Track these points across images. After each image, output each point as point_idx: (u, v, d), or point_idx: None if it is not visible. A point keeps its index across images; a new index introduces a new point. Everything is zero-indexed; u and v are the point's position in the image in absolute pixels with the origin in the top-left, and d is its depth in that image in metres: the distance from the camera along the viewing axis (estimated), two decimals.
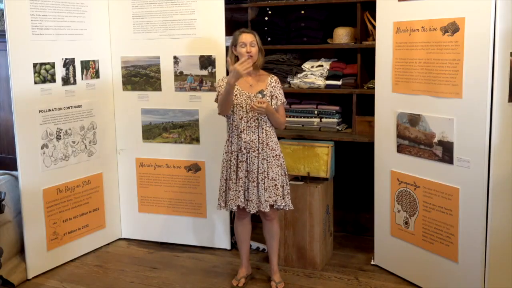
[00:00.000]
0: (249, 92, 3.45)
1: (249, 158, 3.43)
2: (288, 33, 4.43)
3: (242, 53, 3.39)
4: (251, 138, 3.43)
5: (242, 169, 3.44)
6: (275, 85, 3.47)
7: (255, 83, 3.47)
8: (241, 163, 3.45)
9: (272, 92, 3.45)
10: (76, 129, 4.07)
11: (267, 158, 3.43)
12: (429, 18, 3.28)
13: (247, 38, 3.39)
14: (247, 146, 3.43)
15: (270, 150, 3.44)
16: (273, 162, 3.44)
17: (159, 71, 4.18)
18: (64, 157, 4.00)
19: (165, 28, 4.10)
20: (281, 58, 4.43)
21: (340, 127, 4.32)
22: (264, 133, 3.44)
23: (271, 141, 3.45)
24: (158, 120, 4.25)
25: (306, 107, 4.40)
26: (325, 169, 3.90)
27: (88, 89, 4.14)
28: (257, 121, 3.42)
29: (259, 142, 3.43)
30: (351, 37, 4.21)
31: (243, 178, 3.45)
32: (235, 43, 3.43)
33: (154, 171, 4.32)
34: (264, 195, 3.42)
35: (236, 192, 3.45)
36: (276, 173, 3.44)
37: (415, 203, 3.53)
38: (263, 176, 3.43)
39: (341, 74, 4.26)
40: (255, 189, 3.43)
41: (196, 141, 4.18)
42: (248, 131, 3.43)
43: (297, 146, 3.97)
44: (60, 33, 3.91)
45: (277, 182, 3.44)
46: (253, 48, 3.39)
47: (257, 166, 3.43)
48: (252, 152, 3.43)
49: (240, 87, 3.47)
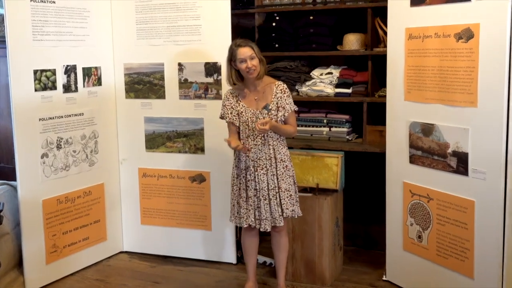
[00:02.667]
0: (255, 108, 3.44)
1: (257, 176, 3.44)
2: (296, 40, 4.43)
3: (243, 68, 3.36)
4: (258, 156, 3.43)
5: (251, 188, 3.45)
6: (281, 95, 3.44)
7: (260, 96, 3.46)
8: (249, 182, 3.45)
9: (279, 103, 3.44)
10: (77, 138, 4.09)
11: (277, 173, 3.44)
12: (442, 24, 3.28)
13: (246, 53, 3.34)
14: (254, 164, 3.44)
15: (279, 162, 3.44)
16: (284, 174, 3.45)
17: (163, 78, 4.19)
18: (65, 167, 4.02)
19: (169, 34, 4.12)
20: (289, 65, 4.43)
21: (350, 136, 4.31)
22: (272, 148, 3.43)
23: (279, 153, 3.45)
24: (162, 129, 4.26)
25: (315, 116, 4.39)
26: (335, 180, 3.90)
27: (90, 96, 4.16)
28: (263, 138, 3.43)
29: (266, 159, 3.43)
30: (361, 44, 4.21)
31: (253, 197, 3.45)
32: (234, 58, 3.39)
33: (157, 181, 4.32)
34: (278, 210, 3.42)
35: (246, 211, 3.47)
36: (289, 183, 3.45)
37: (428, 216, 3.51)
38: (274, 192, 3.43)
39: (351, 82, 4.26)
40: (267, 207, 3.43)
41: (201, 151, 4.19)
42: (255, 149, 3.43)
43: (305, 156, 3.97)
44: (61, 39, 3.93)
45: (291, 191, 3.45)
46: (253, 61, 3.35)
47: (267, 183, 3.43)
48: (260, 170, 3.43)
49: (246, 103, 3.46)
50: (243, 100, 3.47)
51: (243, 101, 3.46)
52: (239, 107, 3.46)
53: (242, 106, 3.45)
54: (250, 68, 3.35)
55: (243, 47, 3.36)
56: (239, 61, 3.36)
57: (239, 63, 3.37)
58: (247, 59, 3.34)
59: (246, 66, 3.34)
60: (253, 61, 3.36)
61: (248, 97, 3.47)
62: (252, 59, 3.36)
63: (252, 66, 3.35)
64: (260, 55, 3.42)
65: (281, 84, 3.49)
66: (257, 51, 3.40)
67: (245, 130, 3.44)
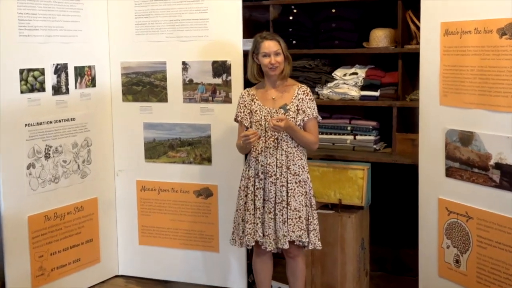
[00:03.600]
0: (271, 107, 3.46)
1: (266, 184, 3.44)
2: (317, 35, 4.44)
3: (265, 64, 3.41)
4: (268, 161, 3.44)
5: (259, 197, 3.45)
6: (303, 97, 3.47)
7: (279, 96, 3.48)
8: (258, 190, 3.46)
9: (299, 106, 3.46)
10: (68, 146, 4.11)
11: (287, 185, 3.43)
12: (483, 18, 3.27)
13: (271, 47, 3.41)
14: (264, 170, 3.44)
15: (292, 175, 3.44)
16: (296, 190, 3.44)
17: (165, 79, 4.21)
18: (54, 179, 4.04)
19: (172, 29, 4.14)
20: (308, 64, 4.44)
21: (377, 146, 4.31)
22: (284, 154, 3.44)
23: (293, 164, 3.45)
24: (163, 136, 4.27)
25: (337, 122, 4.39)
26: (360, 195, 3.89)
27: (83, 99, 4.18)
28: (276, 141, 3.43)
29: (277, 166, 3.43)
30: (390, 40, 4.21)
31: (261, 209, 3.45)
32: (257, 50, 3.45)
33: (158, 196, 4.34)
34: (283, 229, 3.40)
35: (254, 225, 3.46)
36: (299, 202, 3.43)
37: (467, 237, 3.50)
38: (281, 206, 3.42)
39: (379, 84, 4.25)
40: (271, 222, 3.43)
41: (207, 162, 4.20)
42: (265, 153, 3.44)
43: (326, 168, 3.96)
44: (51, 34, 3.96)
45: (301, 213, 3.43)
46: (278, 58, 3.41)
47: (275, 194, 3.43)
48: (269, 177, 3.43)
49: (261, 101, 3.49)
50: (258, 97, 3.50)
51: (259, 99, 3.49)
52: (254, 105, 3.49)
53: (258, 104, 3.48)
54: (273, 65, 3.38)
55: (268, 40, 3.42)
56: (262, 55, 3.41)
57: (262, 57, 3.42)
58: (271, 54, 3.39)
59: (269, 61, 3.39)
60: (277, 57, 3.40)
61: (265, 95, 3.50)
62: (277, 55, 3.40)
63: (276, 63, 3.39)
64: (287, 52, 3.47)
65: (304, 86, 3.53)
66: (284, 48, 3.45)
67: (258, 131, 3.45)
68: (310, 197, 3.49)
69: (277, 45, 3.42)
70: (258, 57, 3.45)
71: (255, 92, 3.55)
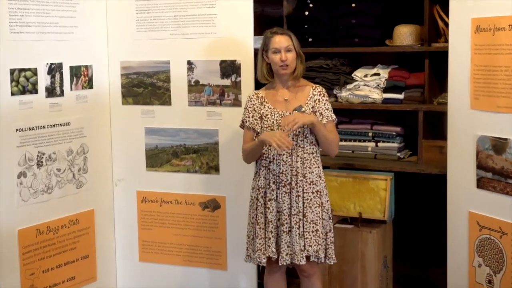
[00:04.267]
0: (284, 110, 3.46)
1: (279, 195, 3.44)
2: (335, 32, 4.44)
3: (276, 61, 3.41)
4: (281, 169, 3.44)
5: (272, 209, 3.45)
6: (319, 98, 3.47)
7: (292, 98, 3.48)
8: (269, 201, 3.45)
9: (315, 108, 3.46)
10: (62, 153, 4.12)
11: (304, 195, 3.43)
12: None
13: (281, 42, 3.41)
14: (276, 180, 3.44)
15: (309, 184, 3.44)
16: (313, 201, 3.44)
17: (169, 80, 4.23)
18: (47, 189, 4.05)
19: (177, 25, 4.15)
20: (325, 64, 4.45)
21: (402, 154, 4.31)
22: (300, 161, 3.44)
23: (310, 172, 3.45)
24: (167, 142, 4.28)
25: (357, 128, 4.39)
26: (382, 208, 3.88)
27: (79, 102, 4.20)
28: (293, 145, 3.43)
29: (291, 174, 3.43)
30: (416, 38, 4.21)
31: (274, 222, 3.45)
32: (266, 47, 3.46)
33: (160, 208, 4.35)
34: (299, 243, 3.40)
35: (265, 240, 3.45)
36: (316, 214, 3.43)
37: (501, 255, 3.48)
38: (297, 218, 3.42)
39: (403, 85, 4.25)
40: (286, 236, 3.42)
41: (214, 170, 4.20)
42: (278, 160, 3.44)
43: (345, 178, 3.96)
44: (44, 31, 3.98)
45: (318, 226, 3.43)
46: (289, 55, 3.41)
47: (289, 205, 3.43)
48: (283, 187, 3.43)
49: (272, 103, 3.49)
50: (269, 99, 3.49)
51: (269, 101, 3.49)
52: (264, 109, 3.48)
53: (268, 108, 3.48)
54: (284, 62, 3.38)
55: (279, 35, 3.42)
56: (272, 51, 3.41)
57: (272, 54, 3.42)
58: (281, 50, 3.39)
59: (280, 58, 3.38)
60: (288, 54, 3.40)
61: (276, 98, 3.50)
62: (288, 51, 3.40)
63: (287, 60, 3.38)
64: (300, 49, 3.47)
65: (319, 87, 3.53)
66: (296, 44, 3.45)
67: None
68: (327, 209, 3.49)
69: (288, 40, 3.42)
70: (268, 54, 3.45)
71: (265, 94, 3.54)
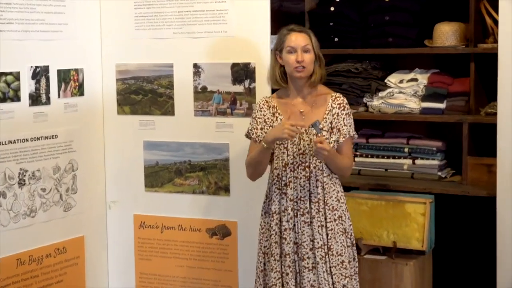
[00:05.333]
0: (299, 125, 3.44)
1: (298, 224, 3.43)
2: (365, 31, 4.44)
3: (290, 62, 3.38)
4: (299, 195, 3.42)
5: (289, 240, 3.43)
6: (338, 112, 3.44)
7: (308, 110, 3.46)
8: (286, 231, 3.44)
9: (333, 123, 3.44)
10: (48, 170, 4.13)
11: (327, 224, 3.42)
12: None
13: (298, 40, 3.38)
14: (294, 207, 3.43)
15: (331, 211, 3.42)
16: (337, 229, 3.42)
17: (172, 86, 4.23)
18: (29, 212, 4.05)
19: (181, 23, 4.16)
20: (354, 68, 4.44)
21: (443, 173, 4.30)
22: (320, 186, 3.42)
23: (330, 197, 3.43)
24: (169, 158, 4.28)
25: (391, 142, 4.38)
26: (421, 237, 3.86)
27: (68, 111, 4.21)
28: (308, 169, 3.42)
29: (311, 201, 3.42)
30: (460, 37, 4.19)
31: (291, 255, 3.43)
32: (281, 46, 3.44)
33: (161, 235, 4.34)
34: (329, 281, 3.39)
35: (280, 275, 3.44)
36: (341, 244, 3.42)
37: None
38: (322, 252, 3.40)
39: (445, 93, 4.24)
40: (310, 273, 3.40)
41: (224, 191, 4.20)
42: (295, 184, 3.43)
43: (377, 202, 3.94)
44: (29, 29, 3.99)
45: (344, 257, 3.42)
46: (306, 56, 3.38)
47: (311, 237, 3.41)
48: (301, 216, 3.42)
49: (284, 115, 3.46)
50: (282, 111, 3.48)
51: (283, 113, 3.48)
52: (277, 121, 3.47)
53: (280, 120, 3.46)
54: (300, 63, 3.37)
55: (296, 33, 3.41)
56: (287, 50, 3.40)
57: (286, 53, 3.40)
58: (298, 50, 3.37)
59: (296, 59, 3.37)
60: (306, 55, 3.38)
61: (290, 108, 3.48)
62: (306, 52, 3.39)
63: (303, 62, 3.37)
64: (319, 51, 3.45)
65: (340, 97, 3.50)
66: (316, 45, 3.43)
67: (282, 155, 3.43)
68: (351, 234, 3.48)
69: (306, 39, 3.40)
70: (282, 54, 3.43)
71: (277, 103, 3.52)
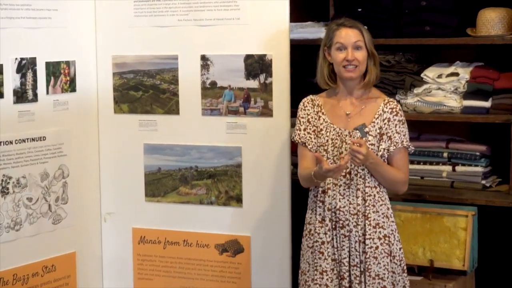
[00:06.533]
0: (343, 127, 3.48)
1: (337, 238, 3.48)
2: (398, 18, 4.45)
3: (339, 60, 3.44)
4: (339, 204, 3.46)
5: (326, 256, 3.47)
6: (390, 117, 3.48)
7: (356, 112, 3.51)
8: (323, 245, 3.48)
9: (384, 129, 3.48)
10: (35, 177, 4.15)
11: (365, 241, 3.45)
12: None
13: (349, 36, 3.44)
14: (333, 218, 3.47)
15: (373, 228, 3.45)
16: (380, 249, 3.45)
17: (176, 81, 4.26)
18: (13, 225, 4.07)
19: (187, 9, 4.19)
20: (385, 60, 4.45)
21: (488, 181, 4.31)
22: (361, 197, 3.46)
23: (374, 211, 3.46)
24: (173, 164, 4.32)
25: (428, 146, 4.41)
26: (462, 255, 3.88)
27: (57, 110, 4.24)
28: (349, 175, 3.46)
29: (350, 213, 3.45)
30: (508, 26, 4.20)
31: (329, 273, 3.47)
32: (329, 42, 3.49)
33: (164, 251, 4.37)
34: None
35: None
36: (384, 266, 3.45)
37: None
38: (357, 271, 3.45)
39: (490, 90, 4.25)
40: None
41: (236, 202, 4.22)
42: (334, 192, 3.48)
43: (412, 214, 3.96)
44: (13, 15, 4.01)
45: (386, 282, 3.44)
46: (358, 53, 3.43)
47: (348, 253, 3.46)
48: (340, 228, 3.46)
49: (330, 116, 3.52)
50: (326, 110, 3.54)
51: (327, 112, 3.53)
52: (319, 121, 3.52)
53: (324, 121, 3.52)
54: (350, 62, 3.42)
55: (347, 28, 3.47)
56: (336, 47, 3.46)
57: (335, 51, 3.46)
58: (348, 47, 3.43)
59: (345, 57, 3.43)
60: (357, 52, 3.44)
61: (336, 109, 3.54)
62: (357, 49, 3.44)
63: (354, 60, 3.42)
64: (373, 48, 3.50)
65: (393, 101, 3.55)
66: (368, 41, 3.49)
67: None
68: (399, 259, 3.49)
69: (358, 35, 3.45)
70: (331, 51, 3.48)
71: (323, 102, 3.58)
